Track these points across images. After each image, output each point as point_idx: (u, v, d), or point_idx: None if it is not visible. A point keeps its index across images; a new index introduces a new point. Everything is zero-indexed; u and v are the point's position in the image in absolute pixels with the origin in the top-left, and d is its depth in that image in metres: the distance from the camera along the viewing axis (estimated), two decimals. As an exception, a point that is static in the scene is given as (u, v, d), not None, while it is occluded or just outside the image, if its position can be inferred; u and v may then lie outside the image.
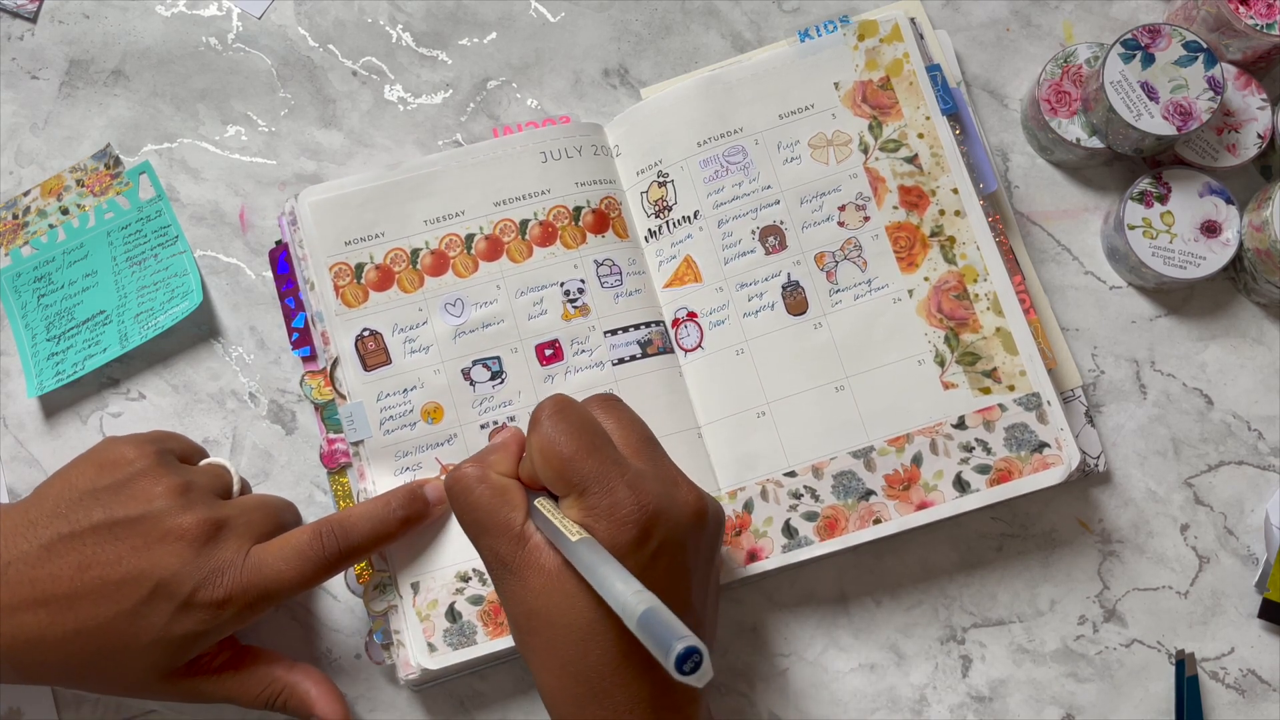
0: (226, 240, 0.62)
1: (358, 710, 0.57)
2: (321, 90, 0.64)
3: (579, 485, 0.44)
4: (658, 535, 0.44)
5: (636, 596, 0.38)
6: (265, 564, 0.50)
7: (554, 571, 0.45)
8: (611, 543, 0.43)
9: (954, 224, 0.58)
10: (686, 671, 0.36)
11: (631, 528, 0.43)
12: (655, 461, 0.47)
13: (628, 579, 0.40)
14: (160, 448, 0.52)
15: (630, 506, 0.44)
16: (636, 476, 0.45)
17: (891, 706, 0.57)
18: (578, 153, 0.59)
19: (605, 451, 0.45)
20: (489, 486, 0.47)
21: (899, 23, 0.59)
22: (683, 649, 0.36)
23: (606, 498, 0.44)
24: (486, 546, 0.47)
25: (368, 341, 0.57)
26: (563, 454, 0.45)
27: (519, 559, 0.46)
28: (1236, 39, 0.59)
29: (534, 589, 0.45)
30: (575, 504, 0.45)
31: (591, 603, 0.44)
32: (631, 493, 0.44)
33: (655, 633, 0.37)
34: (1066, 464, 0.55)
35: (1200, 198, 0.59)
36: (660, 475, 0.46)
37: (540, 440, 0.46)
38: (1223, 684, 0.57)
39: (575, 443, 0.45)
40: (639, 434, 0.48)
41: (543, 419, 0.46)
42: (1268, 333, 0.61)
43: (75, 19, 0.65)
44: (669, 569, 0.45)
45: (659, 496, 0.45)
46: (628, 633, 0.40)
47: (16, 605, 0.48)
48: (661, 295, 0.59)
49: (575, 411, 0.47)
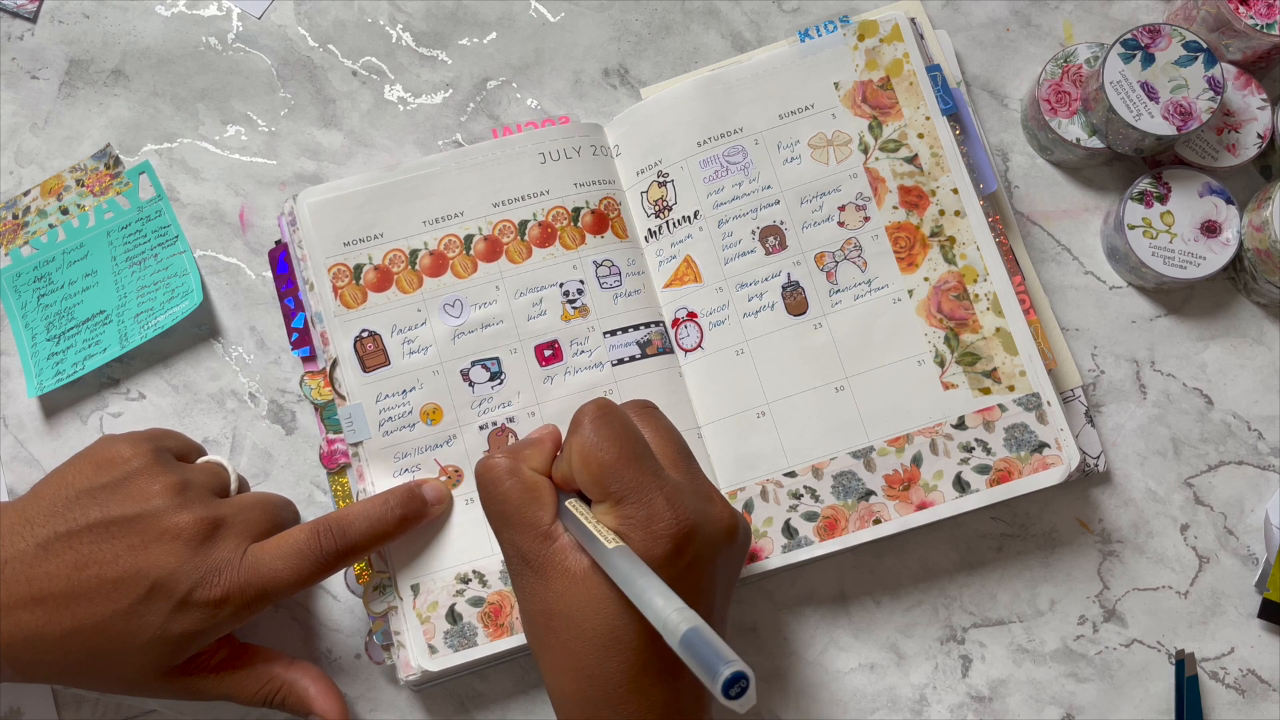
0: (226, 240, 0.62)
1: (358, 710, 0.57)
2: (321, 90, 0.64)
3: (616, 493, 0.44)
4: (691, 551, 0.44)
5: (679, 614, 0.38)
6: (263, 562, 0.49)
7: (580, 575, 0.44)
8: (645, 554, 0.43)
9: (954, 224, 0.58)
10: (733, 696, 0.36)
11: (666, 541, 0.43)
12: (692, 475, 0.47)
13: (668, 595, 0.39)
14: (157, 446, 0.52)
15: (667, 520, 0.43)
16: (674, 490, 0.45)
17: (891, 706, 0.57)
18: (577, 153, 0.59)
19: (645, 461, 0.45)
20: (520, 480, 0.47)
21: (899, 23, 0.59)
22: (730, 674, 0.35)
23: (644, 509, 0.44)
24: (509, 541, 0.47)
25: (366, 343, 0.57)
26: (604, 460, 0.45)
27: (543, 557, 0.45)
28: (1236, 39, 0.59)
29: (556, 590, 0.45)
30: (610, 511, 0.45)
31: (617, 610, 0.43)
32: (669, 506, 0.44)
33: (700, 653, 0.37)
34: (1066, 464, 0.55)
35: (1200, 198, 0.59)
36: (696, 490, 0.46)
37: (581, 444, 0.46)
38: (1223, 684, 0.57)
39: (617, 450, 0.45)
40: (676, 445, 0.48)
41: (585, 422, 0.46)
42: (1268, 333, 0.60)
43: (75, 19, 0.65)
44: (696, 582, 0.45)
45: (695, 512, 0.44)
46: (650, 642, 0.39)
47: (13, 604, 0.47)
48: (661, 295, 0.59)
49: (618, 418, 0.46)
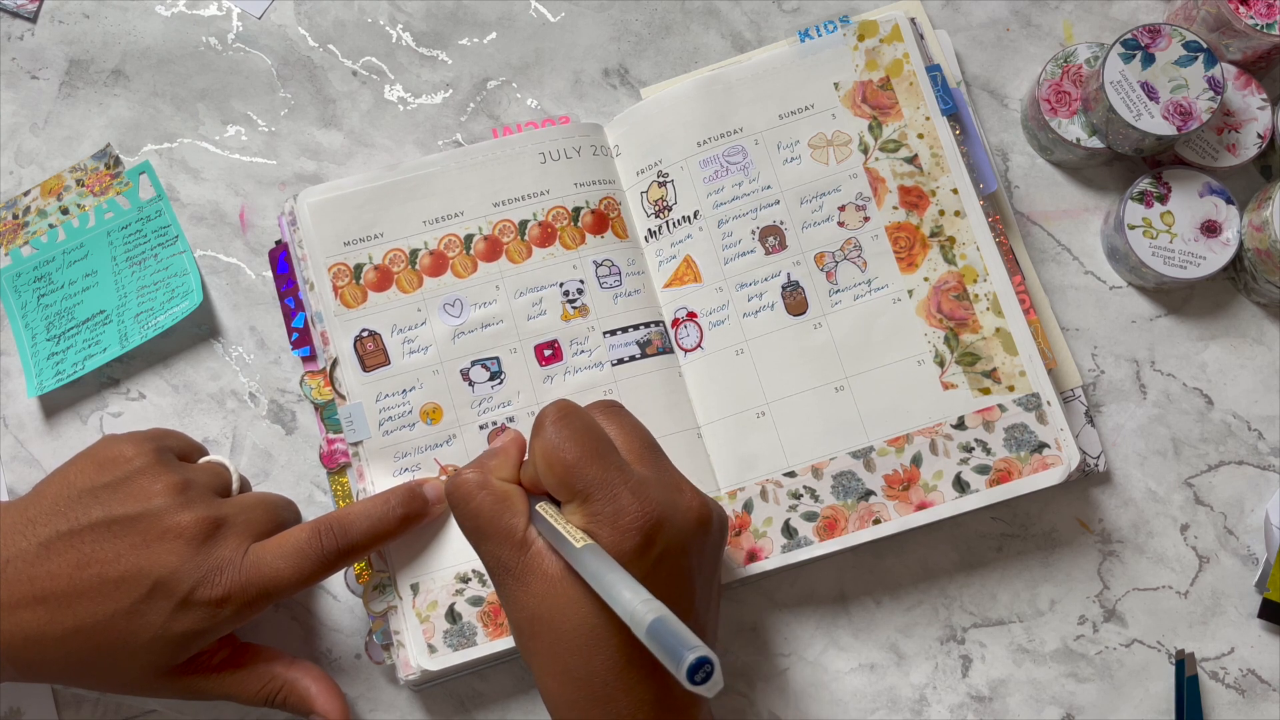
0: (226, 240, 0.62)
1: (358, 710, 0.57)
2: (321, 90, 0.64)
3: (582, 491, 0.44)
4: (661, 542, 0.44)
5: (645, 605, 0.38)
6: (264, 562, 0.49)
7: (556, 577, 0.45)
8: (615, 549, 0.43)
9: (954, 224, 0.58)
10: (698, 681, 0.36)
11: (635, 535, 0.43)
12: (658, 467, 0.47)
13: (635, 587, 0.40)
14: (159, 445, 0.52)
15: (634, 513, 0.43)
16: (640, 483, 0.45)
17: (891, 706, 0.57)
18: (577, 153, 0.59)
19: (609, 458, 0.45)
20: (490, 493, 0.47)
21: (899, 23, 0.59)
22: (694, 659, 0.36)
23: (610, 504, 0.44)
24: (488, 552, 0.47)
25: (366, 342, 0.57)
26: (566, 460, 0.45)
27: (521, 564, 0.46)
28: (1236, 39, 0.59)
29: (536, 594, 0.45)
30: (578, 510, 0.45)
31: (595, 608, 0.44)
32: (635, 499, 0.44)
33: (665, 642, 0.37)
34: (1066, 464, 0.55)
35: (1200, 198, 0.59)
36: (663, 481, 0.46)
37: (544, 446, 0.46)
38: (1223, 684, 0.57)
39: (579, 449, 0.45)
40: (641, 440, 0.48)
41: (546, 424, 0.46)
42: (1268, 333, 0.61)
43: (75, 19, 0.65)
44: (672, 575, 0.45)
45: (662, 503, 0.44)
46: (632, 638, 0.39)
47: (15, 603, 0.48)
48: (661, 295, 0.59)
49: (579, 417, 0.46)
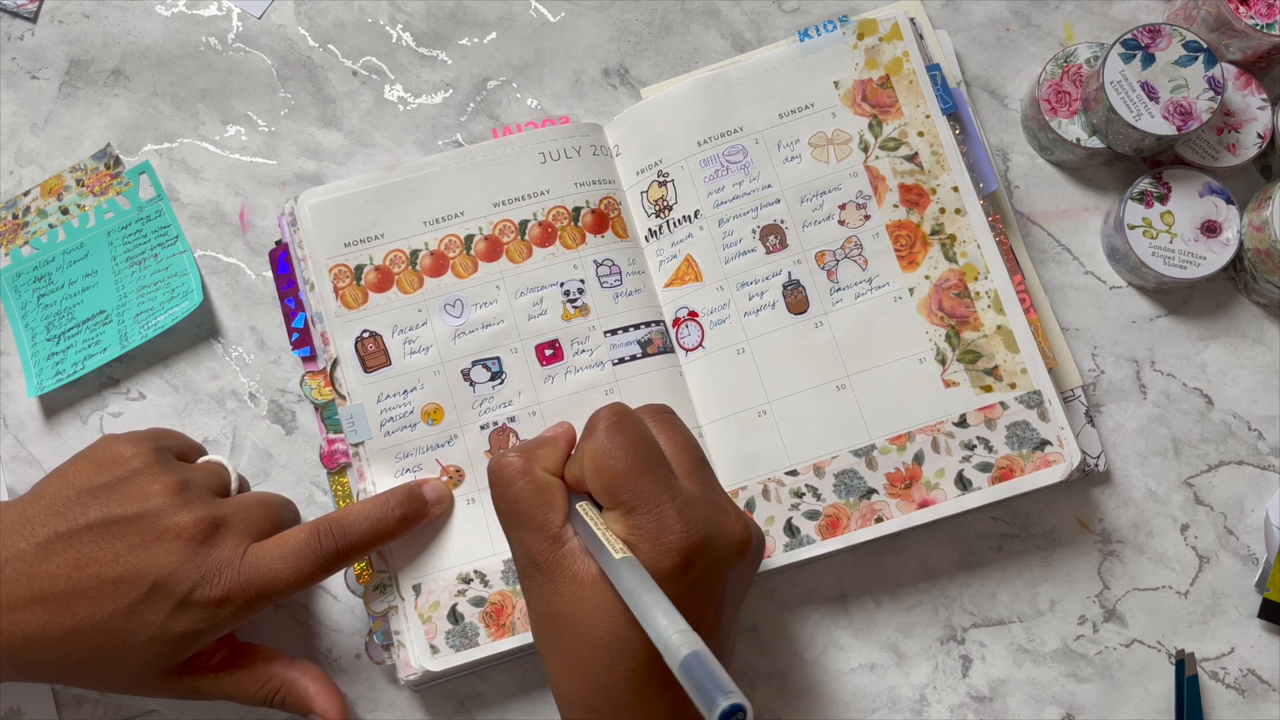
0: (226, 240, 0.62)
1: (358, 710, 0.57)
2: (321, 90, 0.64)
3: (628, 502, 0.44)
4: (700, 565, 0.43)
5: (681, 637, 0.38)
6: (263, 562, 0.49)
7: (588, 581, 0.44)
8: (653, 566, 0.42)
9: (954, 222, 0.58)
10: None
11: (676, 555, 0.43)
12: (706, 485, 0.46)
13: (671, 614, 0.39)
14: (158, 445, 0.52)
15: (677, 533, 0.43)
16: (686, 502, 0.44)
17: (891, 706, 0.57)
18: (577, 153, 0.59)
19: (658, 471, 0.44)
20: (532, 481, 0.47)
21: (899, 22, 0.59)
22: (727, 706, 0.35)
23: (654, 520, 0.43)
24: (519, 541, 0.46)
25: (367, 343, 0.57)
26: (616, 468, 0.44)
27: (552, 560, 0.45)
28: (1236, 39, 0.59)
29: (564, 594, 0.44)
30: (621, 519, 0.44)
31: (623, 620, 0.43)
32: (680, 518, 0.43)
33: (699, 681, 0.36)
34: (1068, 461, 0.55)
35: (1200, 198, 0.59)
36: (710, 500, 0.45)
37: (594, 450, 0.45)
38: (1223, 684, 0.57)
39: (630, 458, 0.44)
40: (692, 454, 0.47)
41: (600, 428, 0.45)
42: (1268, 333, 0.61)
43: (75, 19, 0.65)
44: (705, 597, 0.44)
45: (707, 525, 0.44)
46: (655, 654, 0.39)
47: (14, 603, 0.47)
48: (662, 295, 0.59)
49: (633, 424, 0.46)
